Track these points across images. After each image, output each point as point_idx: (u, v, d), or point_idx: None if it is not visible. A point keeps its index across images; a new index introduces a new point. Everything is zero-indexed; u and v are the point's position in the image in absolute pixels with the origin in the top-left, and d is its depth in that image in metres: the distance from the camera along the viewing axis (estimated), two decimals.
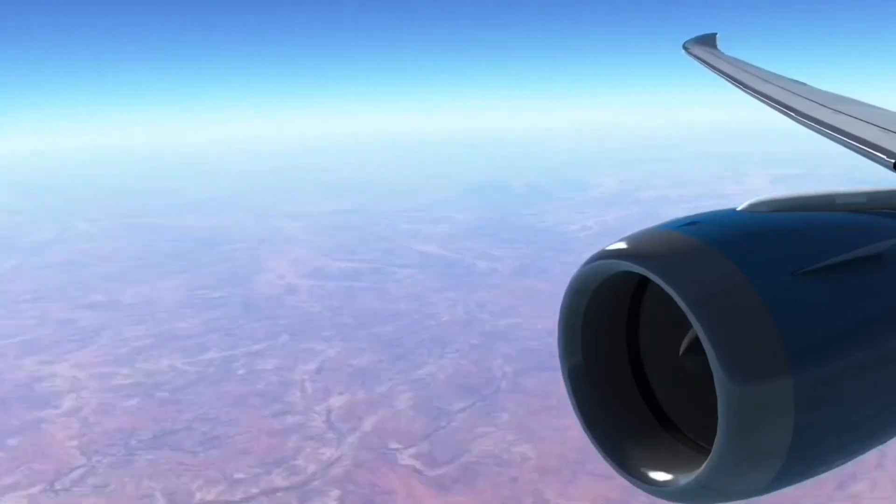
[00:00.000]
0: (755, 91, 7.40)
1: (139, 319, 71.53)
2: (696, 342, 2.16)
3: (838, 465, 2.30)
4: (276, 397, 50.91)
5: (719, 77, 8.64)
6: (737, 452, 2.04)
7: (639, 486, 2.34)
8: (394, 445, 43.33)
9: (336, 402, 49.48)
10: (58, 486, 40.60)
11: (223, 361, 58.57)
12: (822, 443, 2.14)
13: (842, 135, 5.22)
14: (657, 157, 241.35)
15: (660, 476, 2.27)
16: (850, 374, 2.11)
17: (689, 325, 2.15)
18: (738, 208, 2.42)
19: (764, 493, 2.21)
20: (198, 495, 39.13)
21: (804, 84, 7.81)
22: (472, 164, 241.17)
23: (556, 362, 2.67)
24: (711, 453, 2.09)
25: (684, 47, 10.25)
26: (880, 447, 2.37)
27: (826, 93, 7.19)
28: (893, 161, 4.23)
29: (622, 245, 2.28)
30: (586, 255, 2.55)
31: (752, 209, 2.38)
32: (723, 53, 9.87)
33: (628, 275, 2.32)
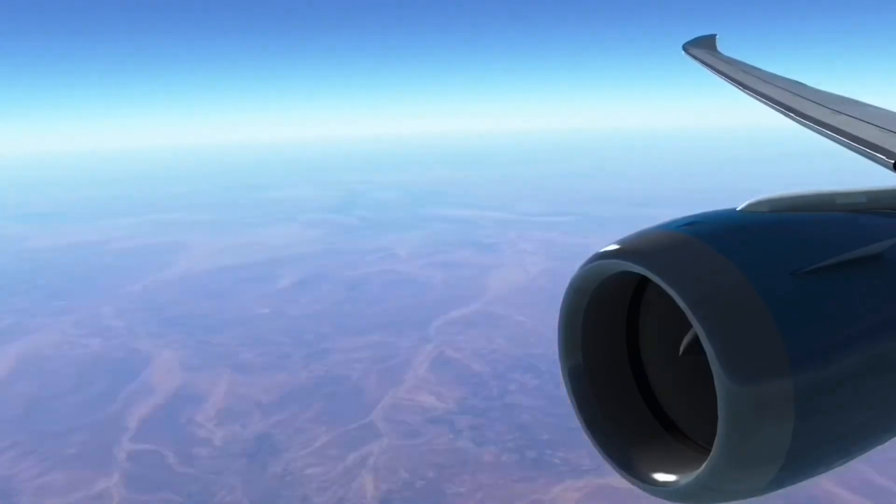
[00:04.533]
0: (755, 92, 7.33)
1: None
2: (696, 342, 2.18)
3: (838, 465, 2.31)
4: None
5: (719, 78, 8.53)
6: (737, 452, 2.05)
7: (639, 486, 2.34)
8: None
9: None
10: None
11: None
12: (822, 443, 2.15)
13: (842, 135, 5.17)
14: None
15: (660, 476, 2.28)
16: (849, 374, 2.11)
17: (689, 325, 2.15)
18: (738, 208, 2.43)
19: (764, 492, 2.22)
20: None
21: (804, 84, 7.70)
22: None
23: None
24: (711, 453, 2.10)
25: (684, 49, 10.22)
26: (880, 447, 2.40)
27: (826, 93, 7.11)
28: (893, 161, 4.21)
29: (622, 245, 2.29)
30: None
31: (752, 209, 2.38)
32: (722, 54, 9.82)
33: (628, 274, 2.33)
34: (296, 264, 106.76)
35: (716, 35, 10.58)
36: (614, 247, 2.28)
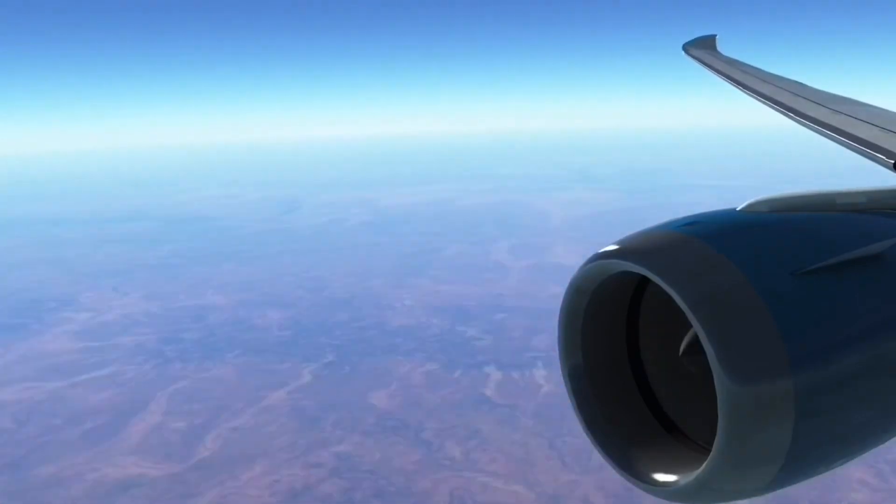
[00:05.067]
0: (755, 92, 7.24)
1: None
2: (695, 342, 1.98)
3: (839, 465, 2.09)
4: None
5: (719, 78, 8.40)
6: (737, 452, 1.86)
7: (639, 486, 2.11)
8: None
9: None
10: None
11: None
12: (822, 443, 1.94)
13: (842, 135, 4.97)
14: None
15: (660, 476, 2.09)
16: (849, 374, 1.92)
17: (689, 325, 1.94)
18: (738, 208, 2.18)
19: (764, 492, 2.03)
20: None
21: (804, 84, 7.57)
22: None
23: None
24: (711, 453, 1.90)
25: (684, 49, 10.19)
26: (880, 447, 2.17)
27: (826, 93, 6.98)
28: (893, 161, 3.92)
29: (622, 245, 2.06)
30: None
31: (752, 209, 2.16)
32: (722, 55, 9.65)
33: (628, 274, 2.07)
34: (658, 210, 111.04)
35: (716, 35, 10.68)
36: (614, 247, 2.07)
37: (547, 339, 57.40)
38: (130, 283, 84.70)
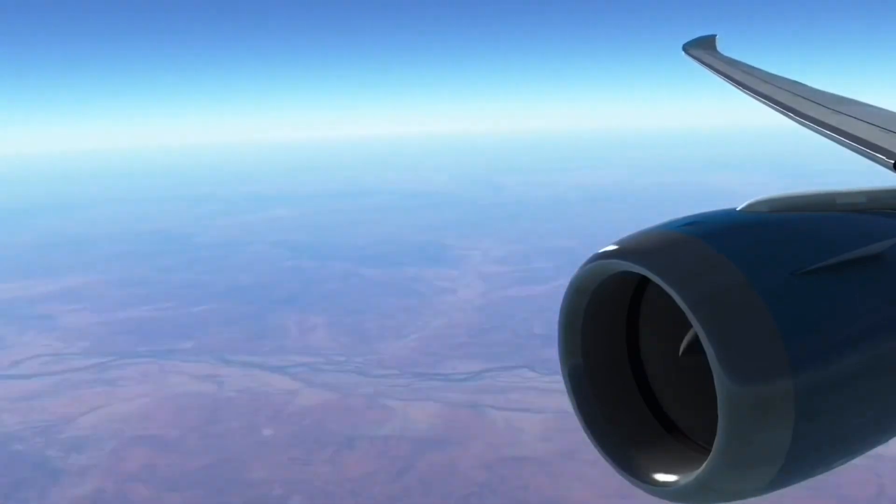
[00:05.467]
0: (755, 92, 7.09)
1: None
2: (695, 342, 1.88)
3: (839, 465, 1.99)
4: None
5: (719, 78, 8.24)
6: (737, 452, 1.78)
7: (639, 486, 2.02)
8: None
9: None
10: None
11: None
12: (822, 443, 1.85)
13: (842, 135, 4.81)
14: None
15: (660, 476, 2.01)
16: (849, 374, 1.83)
17: (689, 325, 1.84)
18: (738, 208, 2.07)
19: (764, 492, 1.95)
20: None
21: (804, 84, 7.35)
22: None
23: None
24: (711, 453, 1.80)
25: (684, 49, 9.88)
26: (880, 447, 2.06)
27: (826, 93, 6.77)
28: (893, 161, 3.73)
29: (622, 245, 1.96)
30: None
31: (752, 209, 2.07)
32: (722, 55, 9.39)
33: (628, 274, 1.96)
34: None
35: (715, 35, 10.38)
36: (614, 247, 1.96)
37: None
38: (468, 235, 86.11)
